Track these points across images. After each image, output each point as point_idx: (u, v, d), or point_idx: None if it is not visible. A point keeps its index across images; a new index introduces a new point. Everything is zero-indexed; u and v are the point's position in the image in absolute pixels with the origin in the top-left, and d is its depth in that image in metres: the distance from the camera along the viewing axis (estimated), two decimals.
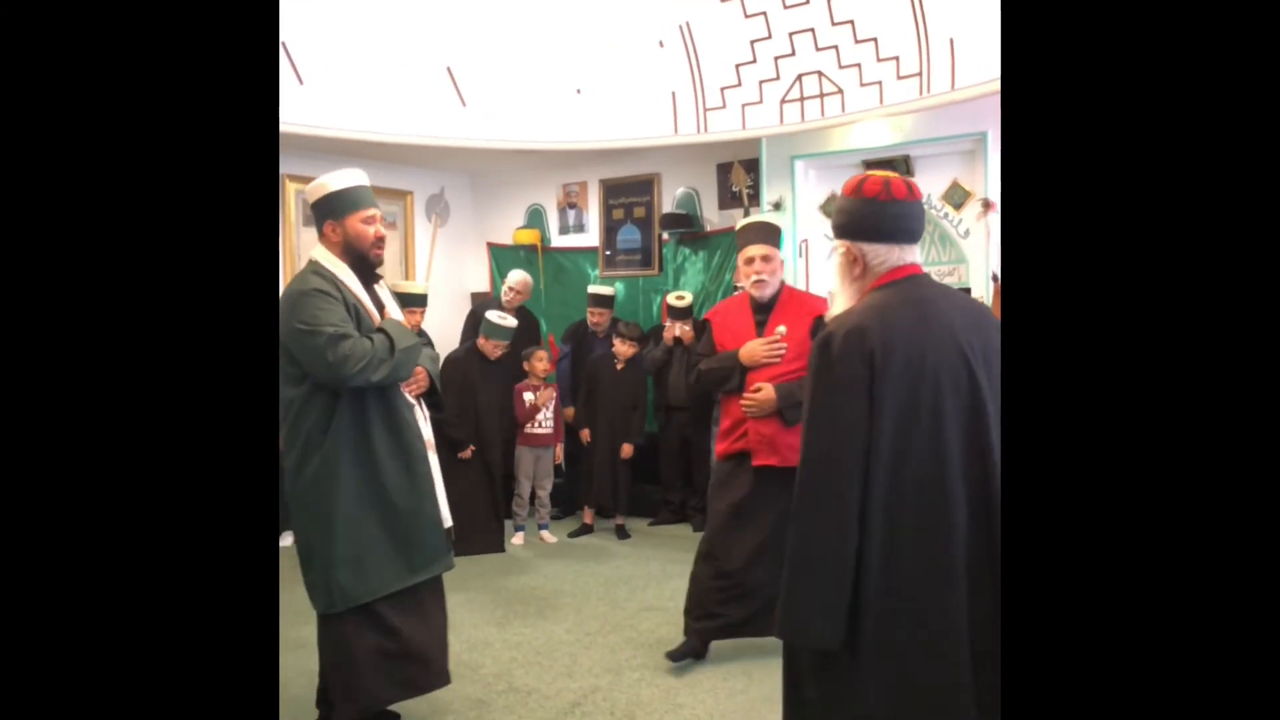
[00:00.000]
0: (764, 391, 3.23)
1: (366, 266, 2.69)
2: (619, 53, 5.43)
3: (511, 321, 5.27)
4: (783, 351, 3.29)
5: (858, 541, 1.69)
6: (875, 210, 1.87)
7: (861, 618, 1.70)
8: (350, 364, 2.47)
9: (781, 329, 3.32)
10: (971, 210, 5.09)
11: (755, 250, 3.42)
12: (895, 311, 1.78)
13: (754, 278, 3.39)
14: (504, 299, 5.94)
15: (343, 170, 2.69)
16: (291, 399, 2.59)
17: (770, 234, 3.51)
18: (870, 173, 1.95)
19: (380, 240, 2.70)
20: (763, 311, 3.43)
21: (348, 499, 2.54)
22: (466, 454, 5.27)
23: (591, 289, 6.07)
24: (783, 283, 3.47)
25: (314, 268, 2.64)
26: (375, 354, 2.50)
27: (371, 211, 2.66)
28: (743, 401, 3.27)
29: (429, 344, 3.79)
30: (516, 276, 6.00)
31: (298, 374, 2.57)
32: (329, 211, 2.66)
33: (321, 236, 2.69)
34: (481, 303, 6.35)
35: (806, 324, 3.33)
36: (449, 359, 5.36)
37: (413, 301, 4.99)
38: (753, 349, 3.30)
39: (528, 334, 6.14)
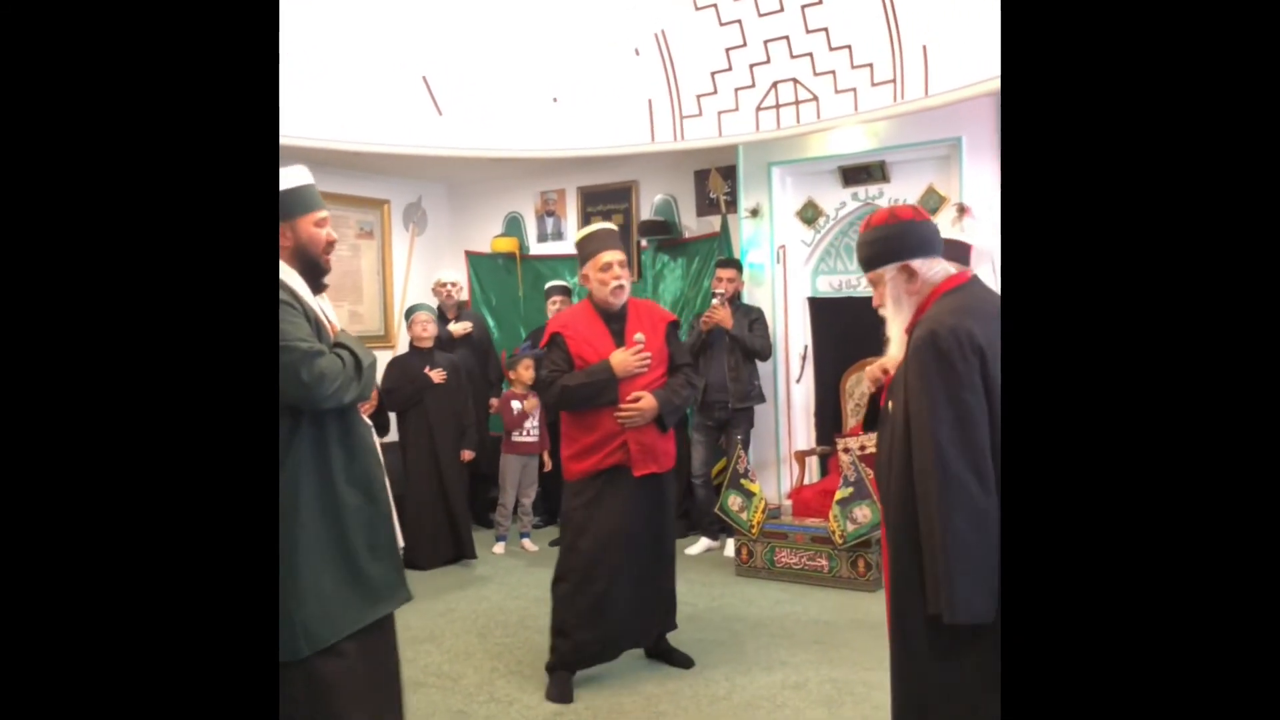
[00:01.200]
0: (645, 400, 3.29)
1: (318, 274, 2.43)
2: (595, 61, 5.44)
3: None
4: (649, 360, 3.33)
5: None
6: (916, 230, 2.13)
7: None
8: (327, 383, 2.25)
9: (640, 336, 3.36)
10: (947, 215, 5.14)
11: (615, 255, 3.37)
12: (980, 310, 1.98)
13: (614, 284, 3.36)
14: (435, 294, 6.17)
15: (288, 168, 2.36)
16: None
17: (621, 240, 3.52)
18: (891, 206, 2.29)
19: (332, 245, 2.47)
20: (614, 321, 3.42)
21: (308, 533, 2.30)
22: (468, 456, 5.45)
23: (549, 284, 6.21)
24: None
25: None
26: (346, 371, 2.31)
27: (324, 214, 2.41)
28: (620, 413, 3.27)
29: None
30: (447, 276, 6.20)
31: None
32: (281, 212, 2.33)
33: None
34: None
35: (661, 331, 3.45)
36: (394, 361, 5.48)
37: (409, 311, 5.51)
38: (624, 360, 3.29)
39: (481, 340, 6.18)
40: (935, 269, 2.13)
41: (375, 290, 6.87)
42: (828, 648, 3.70)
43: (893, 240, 2.14)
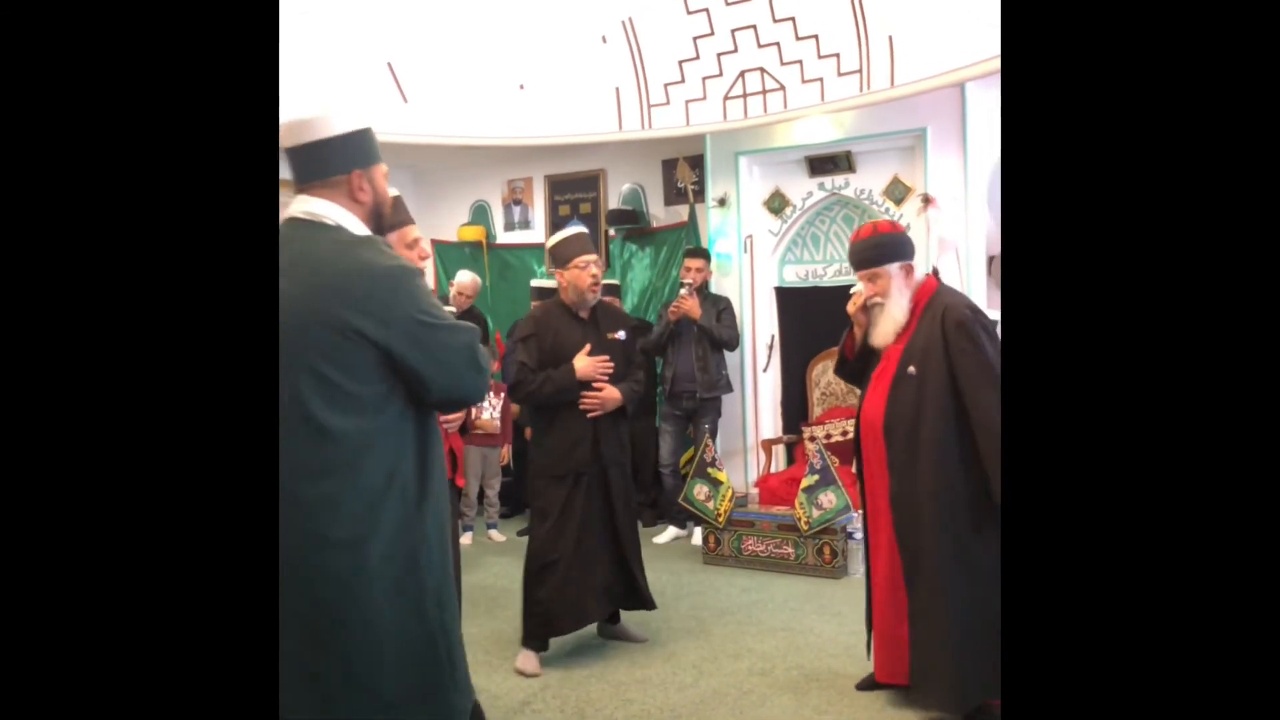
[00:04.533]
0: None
1: (382, 235, 1.94)
2: (562, 48, 5.41)
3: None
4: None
5: None
6: (908, 238, 3.02)
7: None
8: (487, 375, 1.83)
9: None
10: (911, 205, 5.18)
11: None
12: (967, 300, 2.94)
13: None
14: (452, 302, 5.85)
15: (335, 104, 1.94)
16: (352, 433, 1.65)
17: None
18: (876, 220, 3.25)
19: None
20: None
21: (441, 597, 1.76)
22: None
23: (534, 283, 6.04)
24: None
25: (373, 240, 1.79)
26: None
27: (385, 167, 1.91)
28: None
29: None
30: (464, 278, 5.82)
31: (381, 392, 1.68)
32: (357, 157, 1.80)
33: (326, 191, 1.78)
34: None
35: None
36: None
37: None
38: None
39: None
40: (918, 269, 2.95)
41: None
42: (794, 634, 3.74)
43: (898, 244, 2.93)
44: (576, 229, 3.68)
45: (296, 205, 1.77)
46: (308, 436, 1.62)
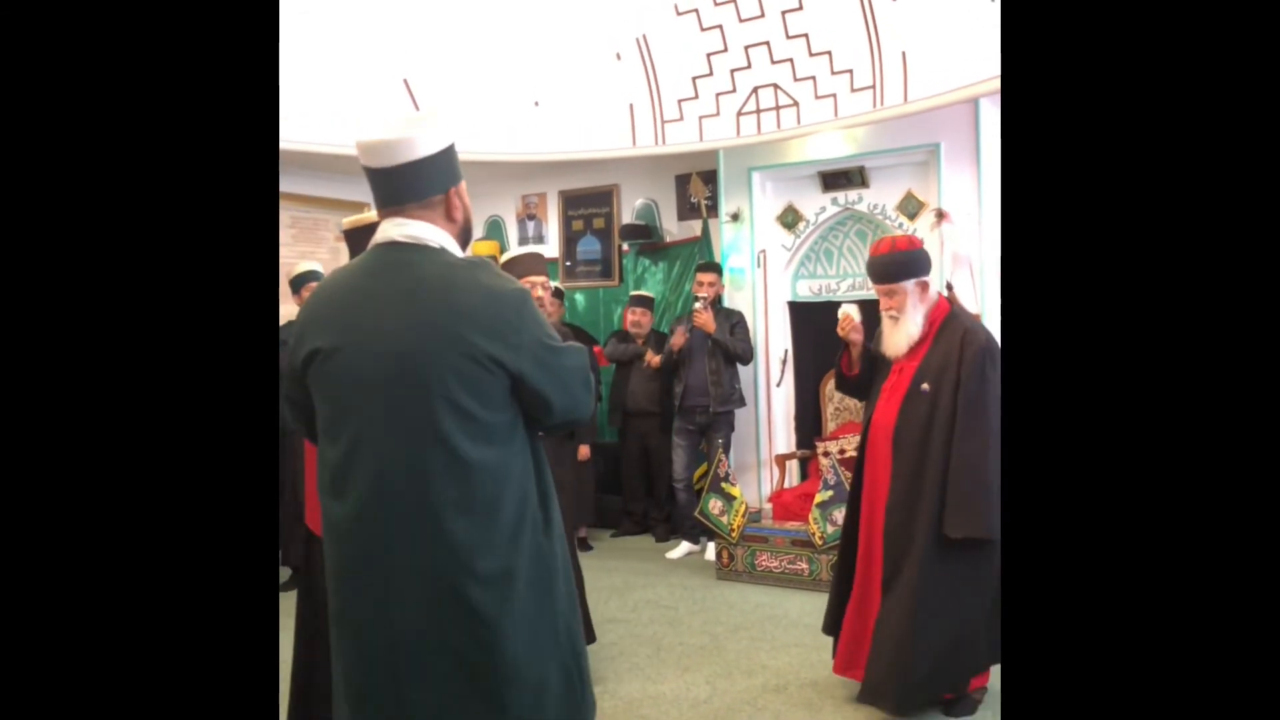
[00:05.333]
0: None
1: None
2: (577, 65, 5.44)
3: None
4: None
5: None
6: (923, 255, 3.05)
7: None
8: (594, 394, 1.81)
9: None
10: (925, 220, 5.17)
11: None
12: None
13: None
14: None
15: (430, 114, 1.78)
16: (491, 464, 1.61)
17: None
18: (894, 235, 3.23)
19: None
20: None
21: (572, 624, 1.73)
22: None
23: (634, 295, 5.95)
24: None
25: (485, 263, 1.73)
26: None
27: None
28: None
29: None
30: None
31: (508, 420, 1.64)
32: (451, 175, 1.71)
33: (423, 212, 1.69)
34: None
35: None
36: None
37: (309, 278, 4.96)
38: None
39: None
40: (934, 286, 3.04)
41: None
42: (808, 650, 3.72)
43: (916, 261, 3.00)
44: (531, 249, 3.58)
45: (393, 228, 1.66)
46: (451, 469, 1.57)
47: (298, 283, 4.87)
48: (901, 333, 3.02)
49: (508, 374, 1.59)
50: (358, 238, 2.33)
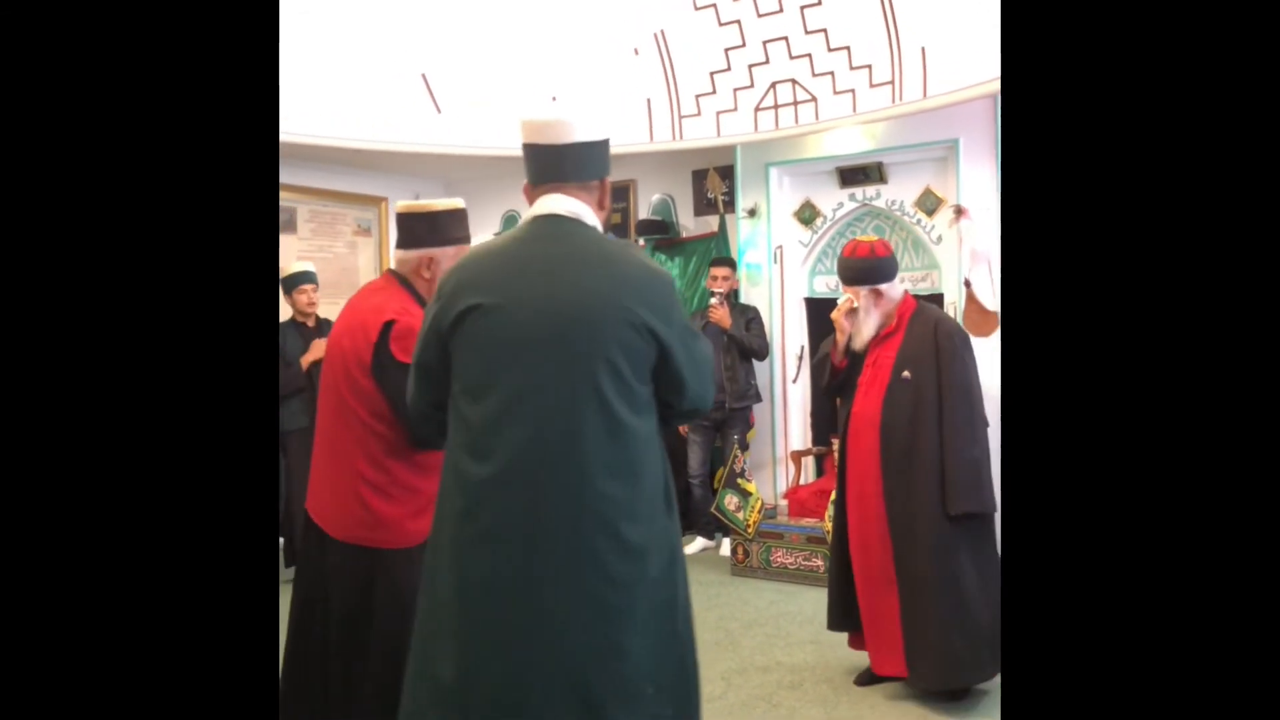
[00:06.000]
0: None
1: None
2: (594, 60, 5.44)
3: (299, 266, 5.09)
4: None
5: None
6: (892, 261, 3.27)
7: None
8: None
9: None
10: (944, 216, 5.15)
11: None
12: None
13: None
14: None
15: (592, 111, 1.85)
16: (639, 431, 1.64)
17: None
18: (863, 239, 3.34)
19: None
20: None
21: (688, 610, 1.78)
22: None
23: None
24: None
25: (634, 245, 1.83)
26: None
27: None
28: None
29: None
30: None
31: (648, 394, 1.68)
32: (605, 166, 1.80)
33: (580, 194, 1.75)
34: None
35: None
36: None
37: (302, 279, 4.98)
38: None
39: None
40: (899, 287, 3.27)
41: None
42: (823, 648, 3.71)
43: (870, 270, 3.21)
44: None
45: (555, 203, 1.72)
46: (607, 429, 1.59)
47: (290, 283, 4.93)
48: (867, 326, 3.23)
49: (659, 348, 1.64)
50: (411, 223, 2.36)
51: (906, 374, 3.10)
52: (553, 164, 1.74)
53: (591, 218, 1.74)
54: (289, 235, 6.32)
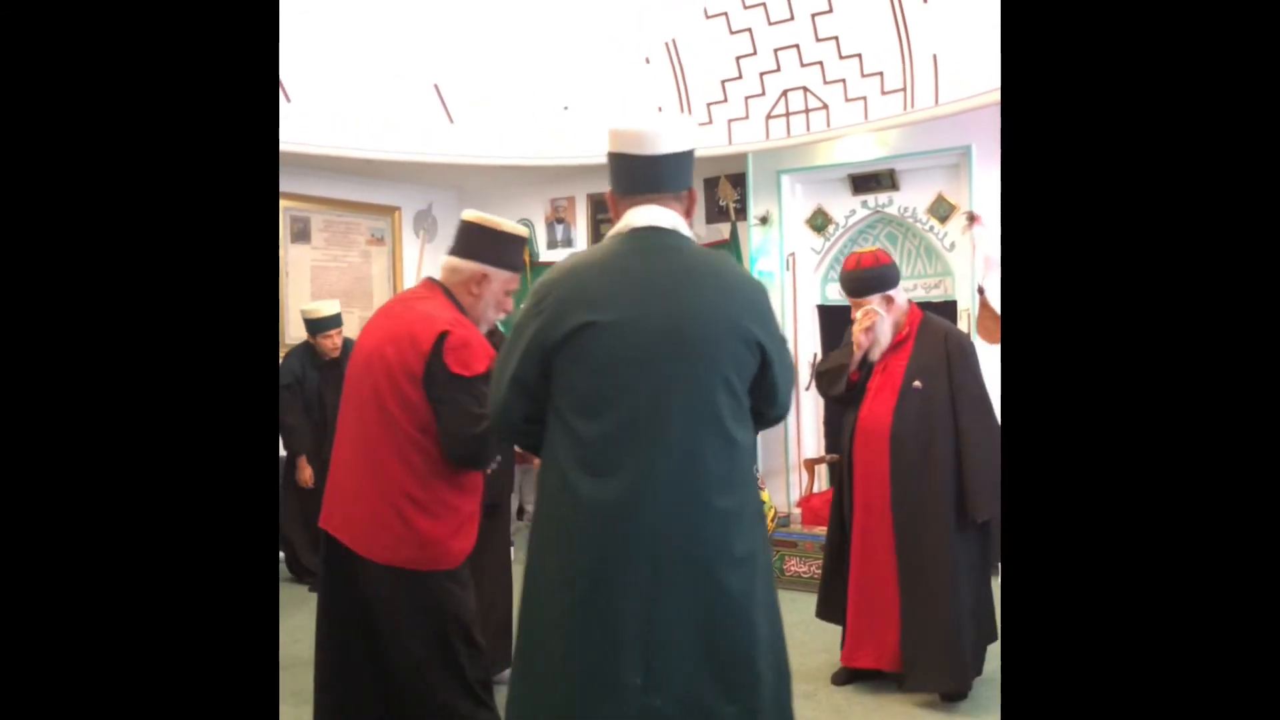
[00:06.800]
0: None
1: None
2: (606, 69, 5.46)
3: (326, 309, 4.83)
4: None
5: None
6: (895, 268, 3.26)
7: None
8: None
9: None
10: (956, 223, 5.13)
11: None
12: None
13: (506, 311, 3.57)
14: None
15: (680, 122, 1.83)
16: (746, 446, 1.67)
17: None
18: (861, 251, 3.35)
19: None
20: None
21: (779, 614, 1.80)
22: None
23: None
24: None
25: (723, 252, 1.82)
26: None
27: None
28: None
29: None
30: None
31: (748, 405, 1.69)
32: (692, 176, 1.79)
33: (673, 204, 1.74)
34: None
35: None
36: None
37: (331, 324, 4.78)
38: None
39: None
40: (903, 294, 3.28)
41: (385, 296, 6.88)
42: (837, 656, 3.69)
43: (880, 280, 3.18)
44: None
45: (652, 214, 1.70)
46: (722, 447, 1.61)
47: (318, 326, 4.72)
48: (885, 335, 3.20)
49: (763, 359, 1.66)
50: (476, 234, 2.30)
51: (918, 384, 3.11)
52: (649, 174, 1.71)
53: (686, 228, 1.73)
54: (303, 245, 6.36)
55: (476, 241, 2.30)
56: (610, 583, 1.57)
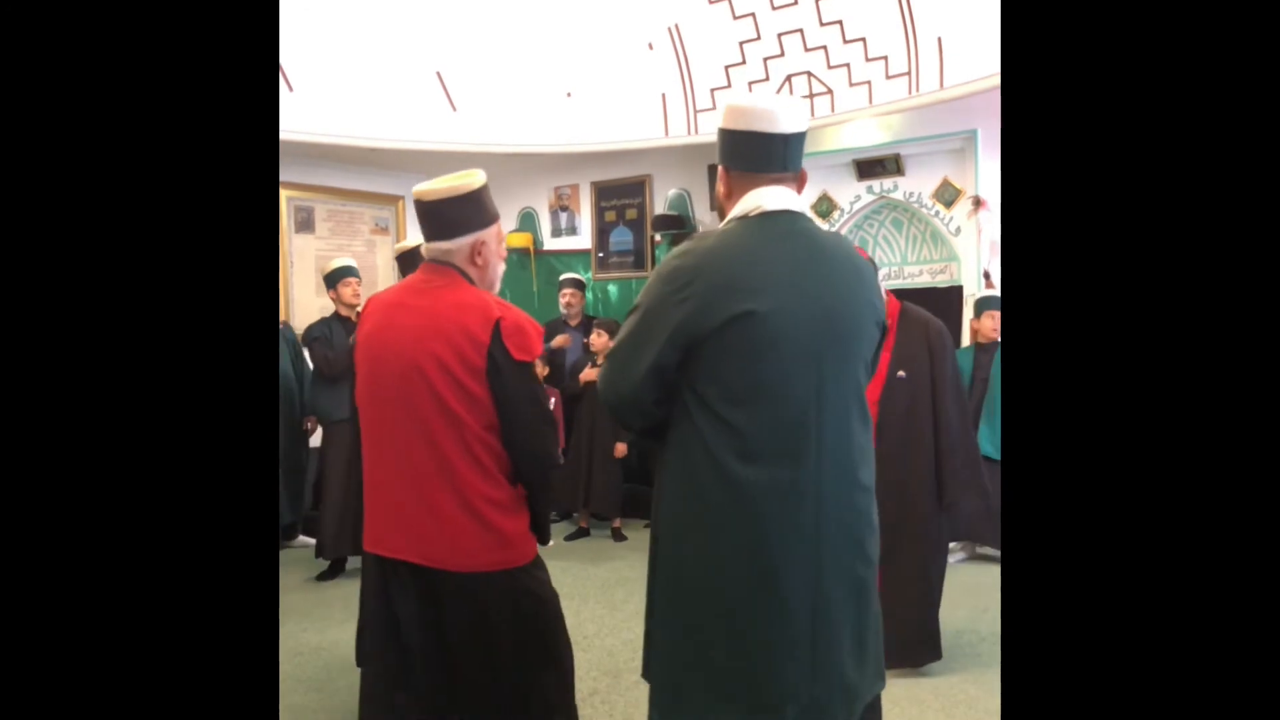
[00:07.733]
0: None
1: None
2: (609, 56, 5.43)
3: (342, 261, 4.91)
4: None
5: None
6: (872, 264, 3.15)
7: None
8: None
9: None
10: (962, 208, 5.11)
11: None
12: None
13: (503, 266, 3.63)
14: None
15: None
16: (869, 419, 1.78)
17: None
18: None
19: None
20: None
21: None
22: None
23: (562, 276, 6.13)
24: None
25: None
26: None
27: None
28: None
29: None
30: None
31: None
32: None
33: (793, 184, 1.77)
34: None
35: None
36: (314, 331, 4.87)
37: (349, 272, 4.90)
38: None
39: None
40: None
41: (390, 284, 6.90)
42: None
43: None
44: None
45: (784, 196, 1.69)
46: (862, 423, 1.68)
47: (334, 277, 4.90)
48: None
49: (880, 338, 1.73)
50: (448, 209, 2.13)
51: (902, 373, 3.24)
52: (776, 154, 1.70)
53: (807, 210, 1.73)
54: (307, 234, 6.36)
55: (455, 214, 2.13)
56: (777, 574, 1.58)
